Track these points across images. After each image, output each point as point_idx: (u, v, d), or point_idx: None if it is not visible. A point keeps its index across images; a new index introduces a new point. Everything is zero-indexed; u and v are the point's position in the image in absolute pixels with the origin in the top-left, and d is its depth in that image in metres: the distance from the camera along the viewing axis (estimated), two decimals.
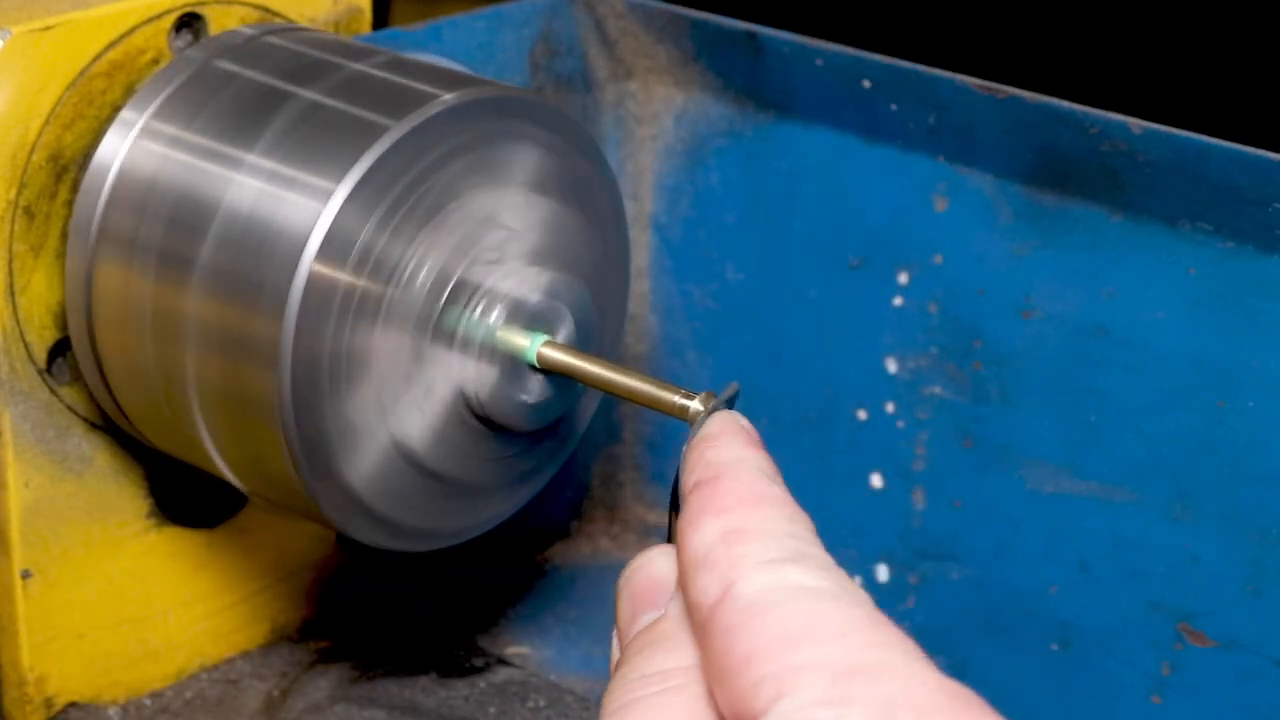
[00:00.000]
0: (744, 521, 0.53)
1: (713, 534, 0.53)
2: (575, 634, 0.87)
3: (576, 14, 0.85)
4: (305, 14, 0.77)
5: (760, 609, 0.51)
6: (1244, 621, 0.75)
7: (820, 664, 0.49)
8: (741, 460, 0.56)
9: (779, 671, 0.49)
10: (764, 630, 0.50)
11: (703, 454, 0.56)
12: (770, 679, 0.49)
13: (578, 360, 0.67)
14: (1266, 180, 0.70)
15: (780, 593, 0.51)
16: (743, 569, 0.52)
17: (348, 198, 0.65)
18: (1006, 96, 0.75)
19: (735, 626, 0.51)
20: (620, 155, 0.88)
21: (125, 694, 0.78)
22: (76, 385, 0.74)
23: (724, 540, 0.53)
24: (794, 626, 0.50)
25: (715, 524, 0.53)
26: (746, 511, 0.54)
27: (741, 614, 0.51)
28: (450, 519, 0.71)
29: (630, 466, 0.93)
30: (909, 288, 0.82)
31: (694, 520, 0.54)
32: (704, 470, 0.55)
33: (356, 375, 0.66)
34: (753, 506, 0.54)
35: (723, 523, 0.53)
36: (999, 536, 0.81)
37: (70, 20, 0.70)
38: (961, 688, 0.49)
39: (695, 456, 0.56)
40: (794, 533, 0.53)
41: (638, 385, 0.64)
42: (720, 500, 0.54)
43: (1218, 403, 0.74)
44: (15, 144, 0.70)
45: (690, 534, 0.53)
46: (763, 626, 0.50)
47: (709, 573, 0.52)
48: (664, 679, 0.53)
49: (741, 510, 0.54)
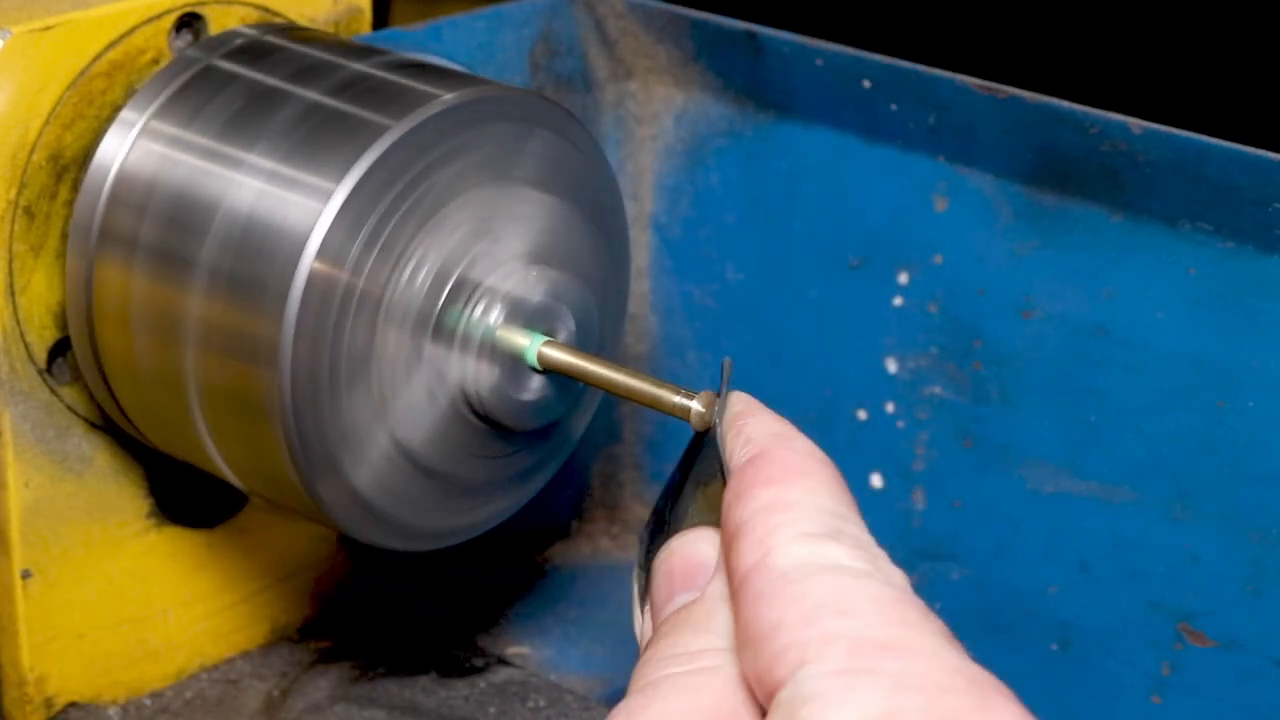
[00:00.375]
0: (787, 494, 0.54)
1: (758, 503, 0.54)
2: (575, 634, 0.87)
3: (576, 14, 0.85)
4: (305, 14, 0.77)
5: (791, 579, 0.51)
6: (1244, 621, 0.75)
7: (842, 636, 0.49)
8: (783, 433, 0.56)
9: (803, 640, 0.50)
10: (793, 600, 0.51)
11: (742, 429, 0.57)
12: (794, 647, 0.50)
13: (578, 360, 0.67)
14: (1266, 180, 0.70)
15: (813, 565, 0.52)
16: (779, 539, 0.52)
17: (348, 198, 0.65)
18: (1006, 96, 0.75)
19: (766, 595, 0.51)
20: (620, 155, 0.88)
21: (125, 694, 0.78)
22: (76, 385, 0.74)
23: (766, 510, 0.53)
24: (822, 599, 0.50)
25: (762, 494, 0.54)
26: (791, 483, 0.54)
27: (773, 583, 0.51)
28: (450, 518, 0.71)
29: (630, 466, 0.93)
30: (909, 288, 0.82)
31: (743, 491, 0.54)
32: (746, 445, 0.56)
33: (357, 375, 0.66)
34: (798, 480, 0.54)
35: (767, 494, 0.54)
36: (999, 536, 0.81)
37: (70, 20, 0.70)
38: (983, 673, 0.49)
39: (734, 433, 0.57)
40: (835, 509, 0.54)
41: (638, 385, 0.64)
42: (766, 472, 0.55)
43: (1218, 403, 0.74)
44: (15, 144, 0.70)
45: (736, 505, 0.54)
46: (792, 597, 0.51)
47: (747, 539, 0.53)
48: (695, 659, 0.54)
49: (786, 483, 0.54)
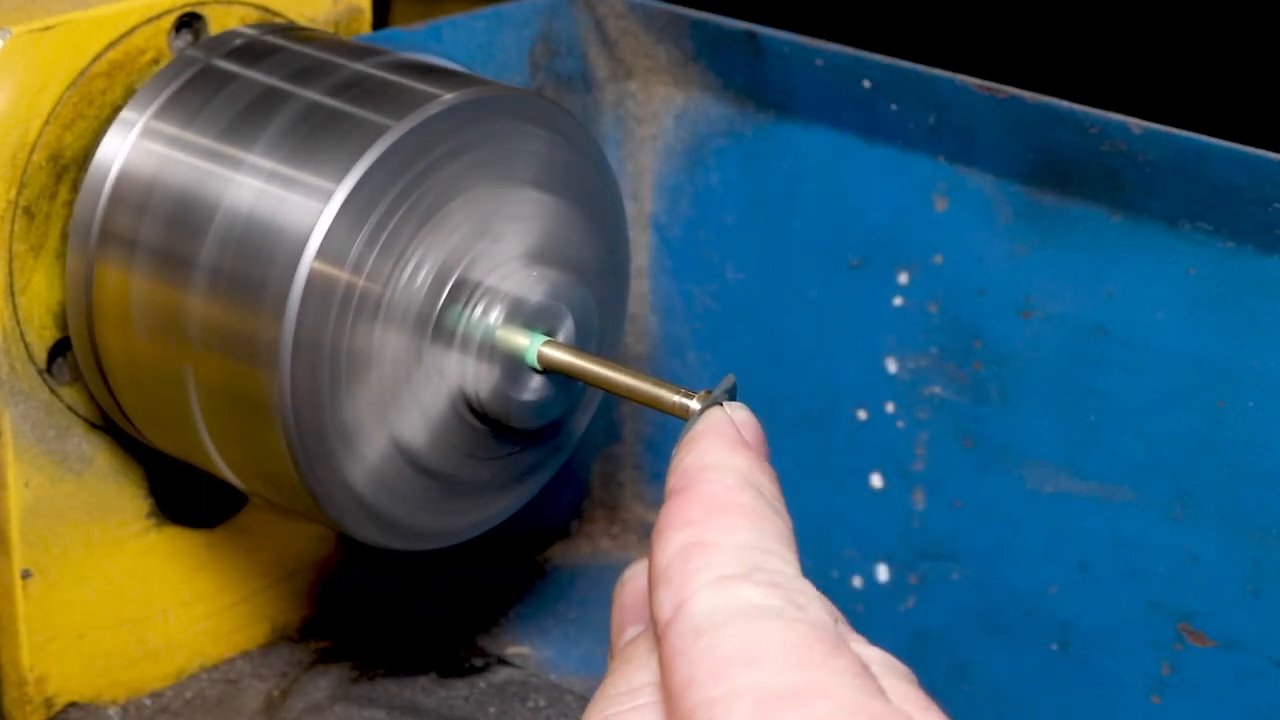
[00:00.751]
0: (705, 534, 0.53)
1: (675, 546, 0.53)
2: (575, 634, 0.87)
3: (576, 14, 0.85)
4: (305, 14, 0.77)
5: (704, 631, 0.50)
6: (1244, 621, 0.75)
7: (748, 690, 0.49)
8: (715, 466, 0.55)
9: (711, 699, 0.49)
10: (703, 654, 0.50)
11: (681, 460, 0.56)
12: (704, 706, 0.49)
13: (578, 360, 0.67)
14: (1266, 180, 0.70)
15: (725, 612, 0.51)
16: (694, 586, 0.51)
17: (347, 198, 0.65)
18: (1006, 96, 0.75)
19: (680, 649, 0.51)
20: (620, 155, 0.88)
21: (125, 694, 0.78)
22: (76, 385, 0.74)
23: (682, 554, 0.52)
24: (730, 650, 0.50)
25: (678, 537, 0.53)
26: (711, 523, 0.53)
27: (688, 636, 0.51)
28: (450, 518, 0.71)
29: (630, 466, 0.93)
30: (909, 288, 0.82)
31: (660, 533, 0.53)
32: (676, 478, 0.55)
33: (356, 374, 0.66)
34: (719, 517, 0.53)
35: (684, 535, 0.53)
36: (999, 536, 0.81)
37: (70, 20, 0.70)
38: (888, 710, 0.49)
39: (674, 463, 0.56)
40: (756, 543, 0.53)
41: (638, 385, 0.64)
42: (686, 511, 0.53)
43: (1218, 403, 0.74)
44: (15, 144, 0.70)
45: (655, 548, 0.53)
46: (702, 651, 0.50)
47: (666, 589, 0.52)
48: (633, 696, 0.53)
49: (706, 522, 0.53)
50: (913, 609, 0.84)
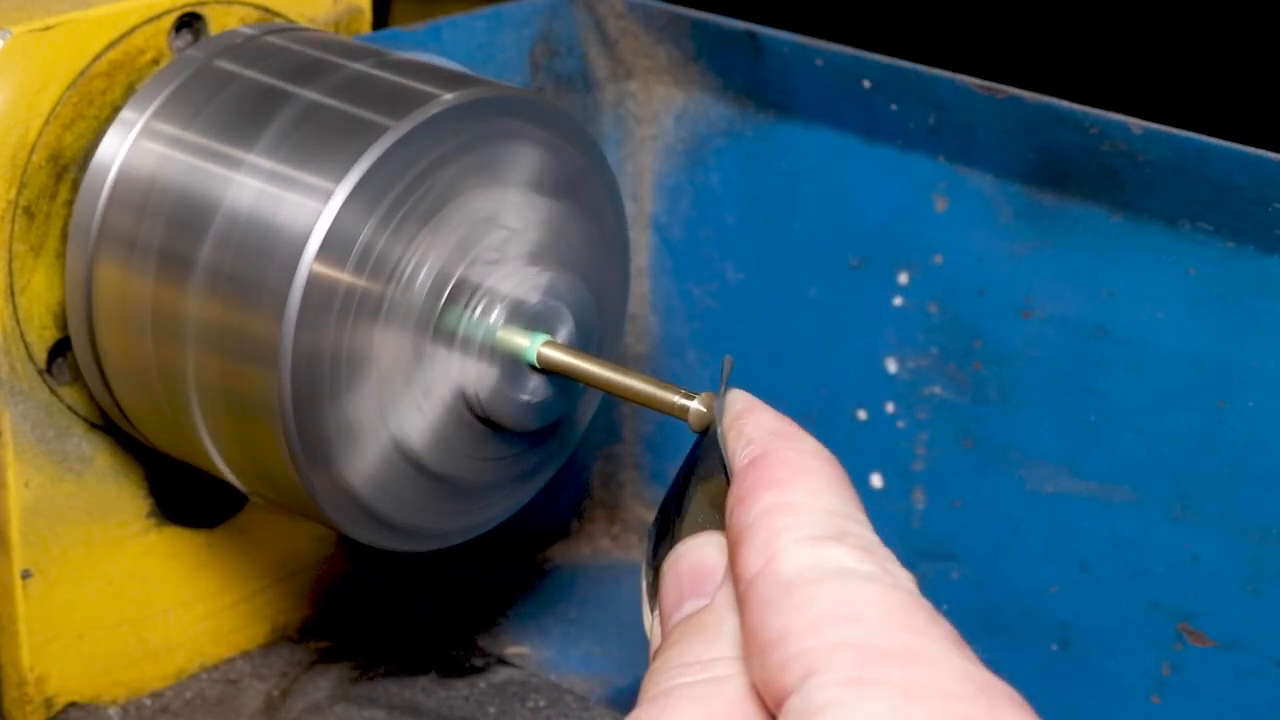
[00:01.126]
0: (790, 496, 0.53)
1: (762, 506, 0.53)
2: (575, 634, 0.87)
3: (576, 14, 0.85)
4: (305, 14, 0.77)
5: (797, 585, 0.50)
6: (1244, 621, 0.75)
7: (851, 644, 0.49)
8: (784, 432, 0.55)
9: (810, 649, 0.49)
10: (799, 607, 0.50)
11: (742, 430, 0.56)
12: (801, 656, 0.49)
13: (578, 360, 0.67)
14: (1266, 180, 0.70)
15: (818, 570, 0.51)
16: (784, 543, 0.52)
17: (348, 198, 0.65)
18: (1006, 96, 0.75)
19: (772, 601, 0.51)
20: (620, 155, 0.88)
21: (125, 694, 0.78)
22: (76, 385, 0.74)
23: (769, 513, 0.52)
24: (829, 605, 0.50)
25: (765, 496, 0.53)
26: (796, 484, 0.53)
27: (779, 589, 0.51)
28: (450, 519, 0.71)
29: (630, 466, 0.93)
30: (909, 288, 0.82)
31: (744, 496, 0.54)
32: (747, 446, 0.55)
33: (356, 375, 0.66)
34: (802, 480, 0.54)
35: (771, 496, 0.53)
36: (999, 536, 0.81)
37: (70, 20, 0.70)
38: (991, 678, 0.49)
39: (734, 434, 0.56)
40: (840, 509, 0.53)
41: (638, 385, 0.64)
42: (770, 474, 0.54)
43: (1218, 403, 0.74)
44: (15, 144, 0.70)
45: (739, 509, 0.53)
46: (798, 604, 0.50)
47: (751, 544, 0.52)
48: (706, 668, 0.53)
49: (789, 484, 0.53)
50: None
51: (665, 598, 0.57)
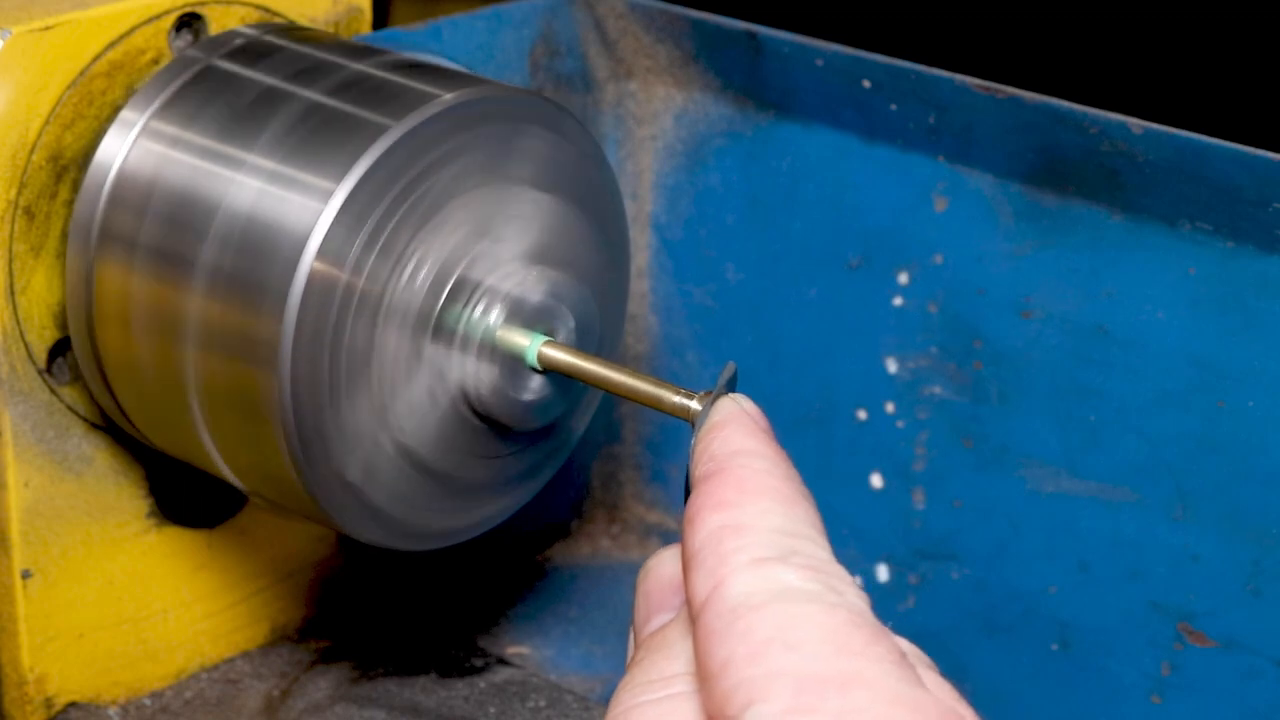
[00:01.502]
0: (740, 517, 0.53)
1: (709, 528, 0.52)
2: (575, 634, 0.87)
3: (576, 14, 0.85)
4: (305, 14, 0.77)
5: (740, 613, 0.50)
6: (1244, 621, 0.75)
7: (787, 673, 0.49)
8: (745, 450, 0.55)
9: (750, 679, 0.49)
10: (741, 636, 0.50)
11: (708, 445, 0.56)
12: (742, 686, 0.49)
13: (578, 360, 0.67)
14: (1266, 180, 0.70)
15: (763, 594, 0.51)
16: (730, 567, 0.51)
17: (348, 198, 0.65)
18: (1006, 96, 0.75)
19: (717, 631, 0.50)
20: (620, 155, 0.88)
21: (125, 694, 0.78)
22: (76, 385, 0.74)
23: (716, 536, 0.52)
24: (769, 632, 0.50)
25: (712, 519, 0.53)
26: (746, 506, 0.53)
27: (725, 617, 0.50)
28: (450, 518, 0.71)
29: (630, 466, 0.93)
30: (909, 288, 0.82)
31: (694, 516, 0.53)
32: (707, 463, 0.55)
33: (357, 374, 0.66)
34: (752, 500, 0.53)
35: (719, 518, 0.53)
36: (999, 536, 0.81)
37: (70, 20, 0.70)
38: (929, 699, 0.49)
39: (701, 448, 0.56)
40: (789, 529, 0.53)
41: (638, 385, 0.64)
42: (719, 494, 0.53)
43: (1218, 403, 0.74)
44: (15, 144, 0.70)
45: (689, 530, 0.53)
46: (741, 632, 0.50)
47: (699, 569, 0.52)
48: (665, 685, 0.53)
49: (740, 505, 0.53)
50: (913, 609, 0.84)
51: (636, 612, 0.57)
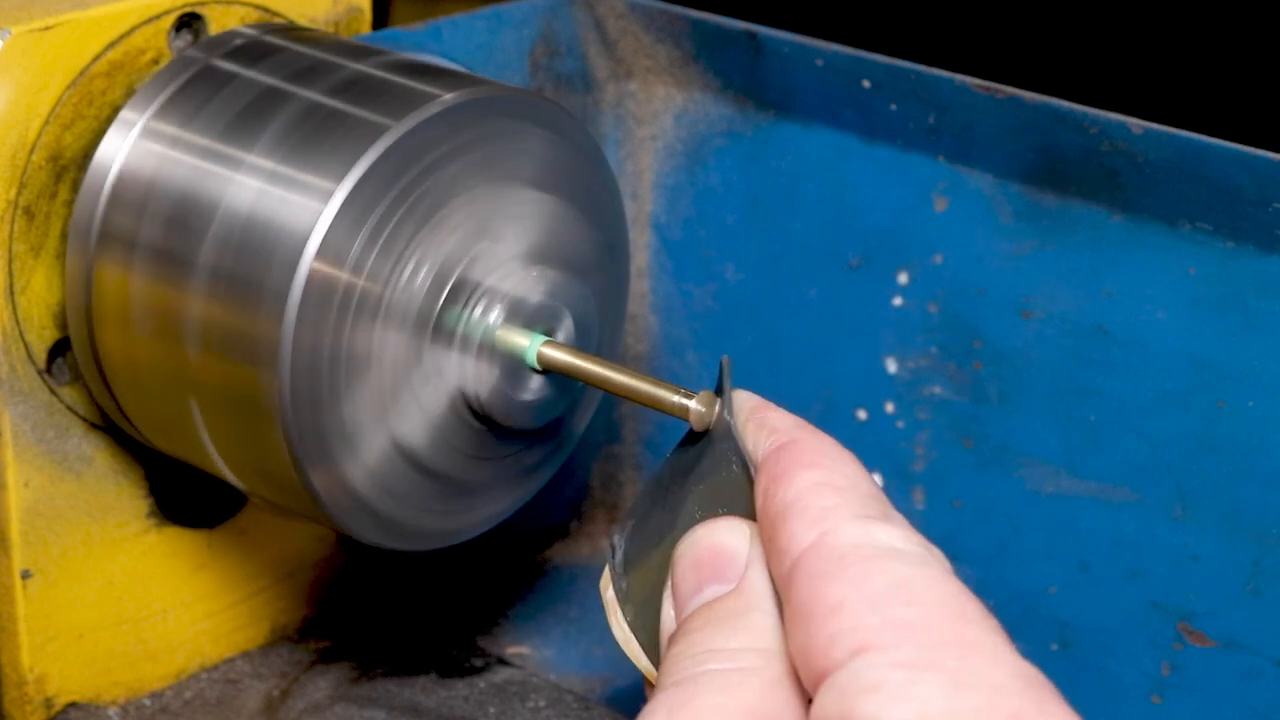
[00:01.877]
0: (832, 477, 0.53)
1: (805, 483, 0.53)
2: (575, 634, 0.87)
3: (576, 14, 0.85)
4: (305, 14, 0.77)
5: (851, 561, 0.50)
6: (1244, 621, 0.75)
7: (906, 626, 0.49)
8: (807, 425, 0.56)
9: (865, 626, 0.49)
10: (855, 583, 0.50)
11: (764, 420, 0.56)
12: (854, 632, 0.49)
13: (577, 360, 0.67)
14: (1266, 180, 0.70)
15: (871, 549, 0.51)
16: (836, 519, 0.52)
17: (347, 198, 0.65)
18: (1006, 96, 0.75)
19: (826, 574, 0.50)
20: (620, 155, 0.88)
21: (125, 694, 0.78)
22: (76, 385, 0.74)
23: (814, 490, 0.52)
24: (884, 584, 0.50)
25: (807, 475, 0.53)
26: (833, 469, 0.53)
27: (834, 562, 0.51)
28: (450, 518, 0.71)
29: (630, 466, 0.93)
30: (909, 288, 0.82)
31: (783, 473, 0.53)
32: (772, 435, 0.55)
33: (356, 374, 0.66)
34: (839, 464, 0.54)
35: (814, 475, 0.53)
36: (999, 536, 0.81)
37: (70, 20, 0.70)
38: (1038, 674, 0.49)
39: (757, 424, 0.56)
40: (877, 495, 0.53)
41: (638, 385, 0.64)
42: (805, 456, 0.54)
43: (1218, 403, 0.74)
44: (15, 144, 0.70)
45: (779, 486, 0.53)
46: (854, 579, 0.50)
47: (800, 519, 0.52)
48: (735, 657, 0.53)
49: (828, 467, 0.53)
50: None
51: (682, 583, 0.56)
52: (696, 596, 0.55)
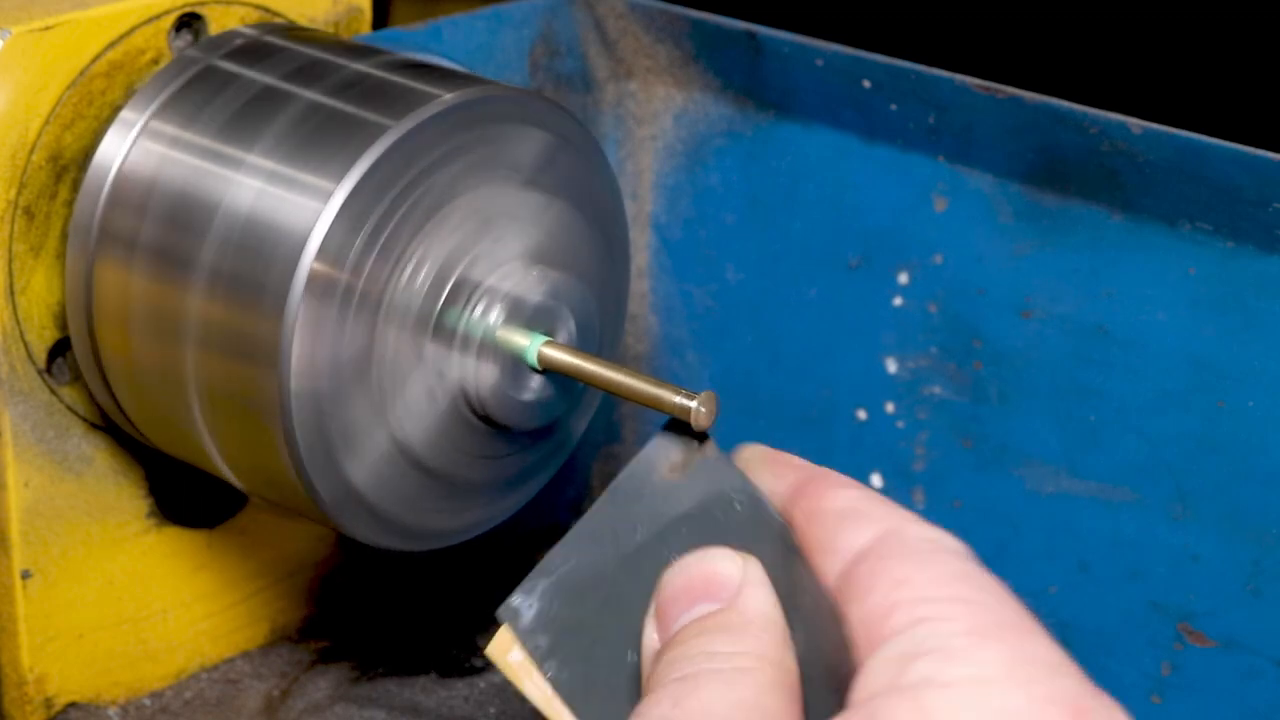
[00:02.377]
0: (875, 495, 0.57)
1: (854, 495, 0.57)
2: None
3: (576, 14, 0.85)
4: (305, 14, 0.77)
5: (918, 549, 0.54)
6: (1244, 621, 0.75)
7: (972, 604, 0.52)
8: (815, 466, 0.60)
9: (933, 598, 0.52)
10: (921, 564, 0.54)
11: (782, 460, 0.60)
12: (922, 603, 0.52)
13: (577, 360, 0.67)
14: (1266, 180, 0.70)
15: (937, 544, 0.55)
16: (899, 520, 0.55)
17: (347, 198, 0.65)
18: (1006, 96, 0.75)
19: (895, 556, 0.54)
20: (620, 155, 0.88)
21: (125, 694, 0.78)
22: (76, 385, 0.74)
23: (869, 499, 0.56)
24: (953, 571, 0.54)
25: (852, 490, 0.57)
26: (867, 491, 0.57)
27: (900, 549, 0.54)
28: (450, 518, 0.71)
29: None
30: (909, 288, 0.82)
31: (828, 489, 0.57)
32: (800, 470, 0.59)
33: (356, 375, 0.66)
34: (866, 491, 0.57)
35: (860, 491, 0.57)
36: (999, 536, 0.81)
37: (70, 20, 0.70)
38: (1077, 669, 0.53)
39: (774, 459, 0.60)
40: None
41: (638, 385, 0.64)
42: (842, 480, 0.58)
43: (1218, 403, 0.74)
44: (15, 144, 0.70)
45: (824, 500, 0.57)
46: (921, 562, 0.54)
47: (859, 521, 0.56)
48: (731, 659, 0.54)
49: (863, 490, 0.57)
50: None
51: (672, 605, 0.57)
52: (687, 614, 0.56)
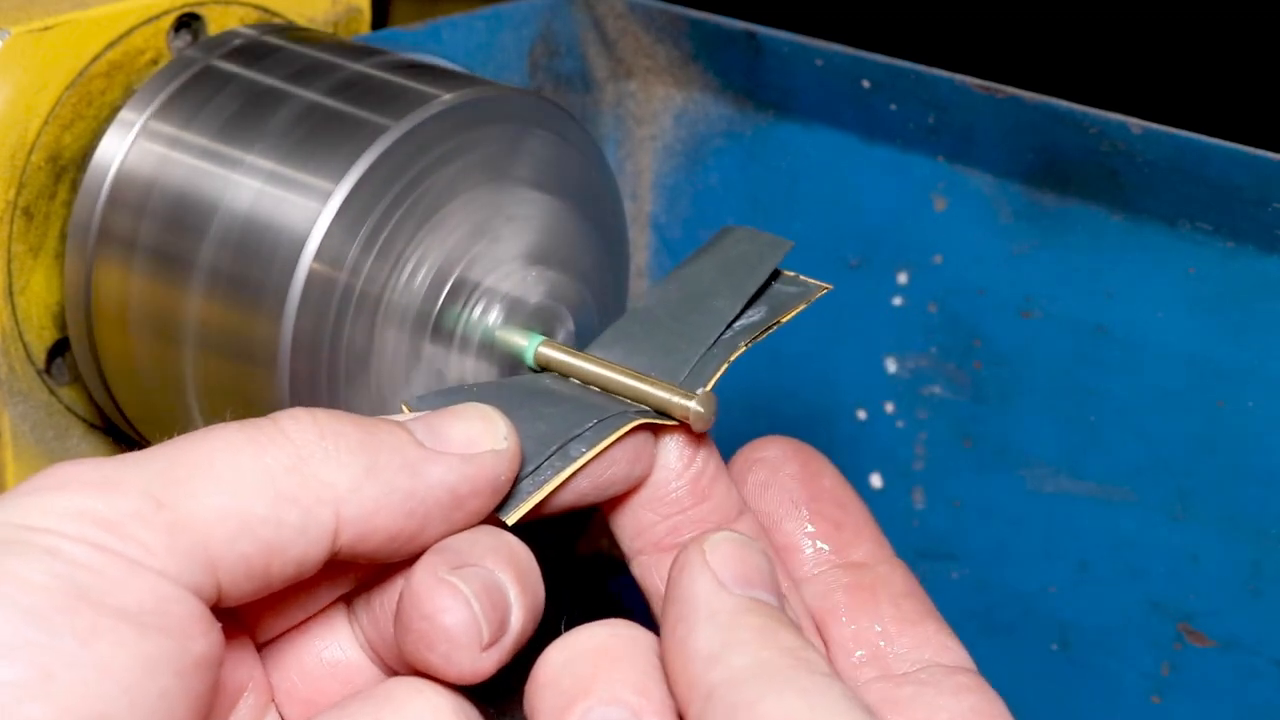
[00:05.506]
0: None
1: None
2: None
3: (576, 14, 0.85)
4: (305, 14, 0.77)
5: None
6: (1244, 621, 0.75)
7: None
8: None
9: None
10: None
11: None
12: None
13: (576, 359, 0.67)
14: (1266, 180, 0.70)
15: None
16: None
17: (346, 198, 0.65)
18: (1006, 96, 0.75)
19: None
20: (620, 155, 0.88)
21: None
22: (76, 385, 0.74)
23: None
24: None
25: None
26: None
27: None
28: None
29: None
30: (909, 288, 0.82)
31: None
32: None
33: (356, 375, 0.66)
34: None
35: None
36: (999, 536, 0.81)
37: (70, 20, 0.70)
38: None
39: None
40: None
41: (636, 385, 0.64)
42: None
43: (1218, 403, 0.74)
44: (14, 144, 0.70)
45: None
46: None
47: None
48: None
49: None
50: None
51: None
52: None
